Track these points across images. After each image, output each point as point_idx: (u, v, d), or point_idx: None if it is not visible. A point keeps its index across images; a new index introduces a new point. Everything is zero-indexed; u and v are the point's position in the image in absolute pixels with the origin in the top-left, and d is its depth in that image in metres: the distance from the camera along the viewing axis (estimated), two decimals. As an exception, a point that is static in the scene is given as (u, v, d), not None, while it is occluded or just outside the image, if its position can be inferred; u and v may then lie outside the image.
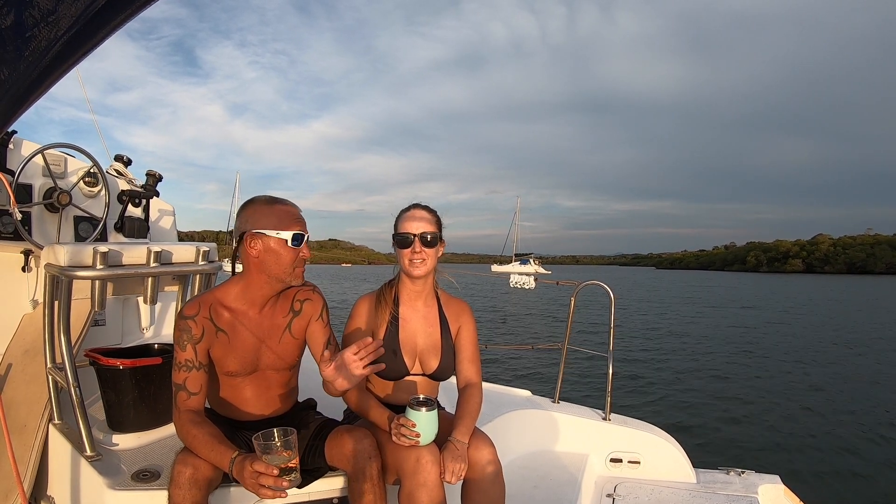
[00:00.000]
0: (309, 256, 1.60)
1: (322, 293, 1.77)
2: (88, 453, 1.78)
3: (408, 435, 1.51)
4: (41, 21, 0.46)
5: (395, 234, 1.78)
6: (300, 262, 1.58)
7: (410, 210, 1.80)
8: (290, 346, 1.68)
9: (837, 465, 5.69)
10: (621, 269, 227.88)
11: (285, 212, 1.57)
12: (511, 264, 75.66)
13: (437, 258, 1.80)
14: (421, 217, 1.77)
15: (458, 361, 1.85)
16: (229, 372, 1.62)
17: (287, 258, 1.55)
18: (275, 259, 1.54)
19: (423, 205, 1.83)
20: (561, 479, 2.35)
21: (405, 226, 1.76)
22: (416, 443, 1.52)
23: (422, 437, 1.52)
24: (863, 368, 10.79)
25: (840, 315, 22.57)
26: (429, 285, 1.84)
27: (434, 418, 1.54)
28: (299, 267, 1.59)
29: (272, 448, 1.36)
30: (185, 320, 1.54)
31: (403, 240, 1.75)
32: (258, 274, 1.57)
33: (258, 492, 1.34)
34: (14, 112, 0.56)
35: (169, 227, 3.51)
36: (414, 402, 1.56)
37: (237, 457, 1.39)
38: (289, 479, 1.36)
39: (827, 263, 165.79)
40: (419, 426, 1.52)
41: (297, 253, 1.56)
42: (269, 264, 1.54)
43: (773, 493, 2.37)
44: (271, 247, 1.53)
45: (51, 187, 2.69)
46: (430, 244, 1.75)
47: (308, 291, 1.73)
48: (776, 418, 7.25)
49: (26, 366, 2.22)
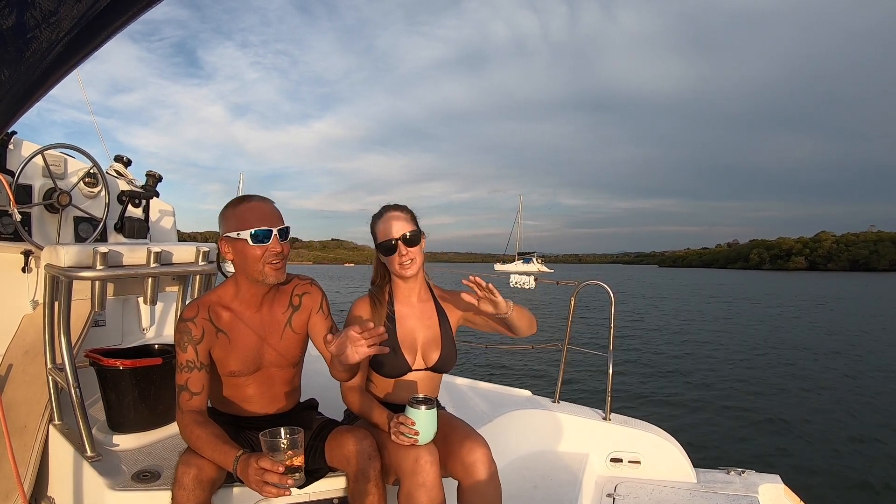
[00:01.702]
0: (280, 251, 1.53)
1: (320, 285, 1.77)
2: (89, 454, 1.78)
3: (406, 433, 1.51)
4: (42, 23, 0.46)
5: (378, 245, 1.77)
6: (270, 257, 1.52)
7: (383, 215, 1.78)
8: (291, 342, 1.68)
9: (838, 465, 5.69)
10: (624, 268, 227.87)
11: (247, 210, 1.54)
12: (514, 263, 75.60)
13: (423, 251, 1.79)
14: (396, 218, 1.76)
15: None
16: (231, 372, 1.62)
17: (253, 256, 1.52)
18: (243, 259, 1.53)
19: (392, 205, 1.81)
20: (561, 478, 2.35)
21: (384, 232, 1.75)
22: (414, 441, 1.52)
23: (420, 435, 1.52)
24: (864, 367, 10.79)
25: (842, 313, 22.57)
26: (420, 280, 1.84)
27: (433, 417, 1.54)
28: (271, 263, 1.53)
29: (278, 446, 1.36)
30: (184, 322, 1.55)
31: (388, 247, 1.74)
32: (241, 275, 1.58)
33: (262, 489, 1.34)
34: (14, 113, 0.56)
35: (169, 227, 3.51)
36: (413, 400, 1.56)
37: (241, 455, 1.40)
38: (293, 478, 1.37)
39: (830, 261, 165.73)
40: (418, 424, 1.52)
41: (264, 249, 1.52)
42: (242, 265, 1.55)
43: (774, 493, 2.37)
44: (238, 248, 1.53)
45: (51, 188, 2.69)
46: (414, 242, 1.74)
47: (306, 285, 1.72)
48: (777, 418, 7.24)
49: (26, 366, 2.22)
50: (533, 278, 4.95)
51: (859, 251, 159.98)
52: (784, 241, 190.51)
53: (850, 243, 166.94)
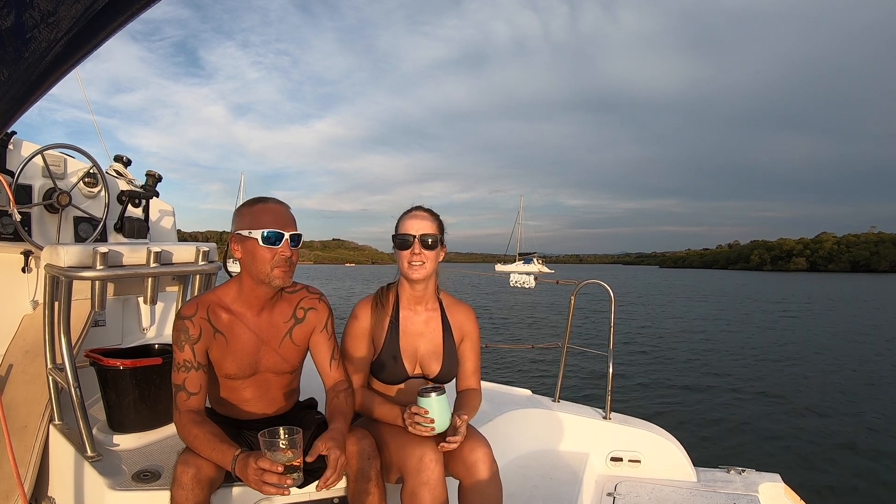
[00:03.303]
0: (289, 255, 1.52)
1: (328, 302, 1.73)
2: (89, 454, 1.78)
3: (422, 423, 1.52)
4: (41, 22, 0.46)
5: (395, 236, 1.74)
6: (279, 261, 1.51)
7: (411, 211, 1.77)
8: (290, 352, 1.66)
9: (838, 464, 5.69)
10: (625, 268, 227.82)
11: (263, 210, 1.53)
12: (515, 263, 75.56)
13: (438, 262, 1.76)
14: (422, 218, 1.73)
15: (461, 371, 1.84)
16: (228, 374, 1.61)
17: (262, 257, 1.50)
18: (251, 259, 1.52)
19: (425, 207, 1.79)
20: (561, 478, 2.35)
21: (405, 227, 1.72)
22: (431, 430, 1.52)
23: (436, 423, 1.53)
24: (864, 366, 10.79)
25: (842, 313, 22.56)
26: (430, 290, 1.80)
27: (445, 402, 1.55)
28: (279, 267, 1.51)
29: (277, 446, 1.36)
30: (182, 320, 1.54)
31: (403, 241, 1.71)
32: (246, 275, 1.56)
33: (261, 489, 1.33)
34: (14, 113, 0.56)
35: (169, 227, 3.51)
36: (423, 390, 1.56)
37: (240, 454, 1.39)
38: (292, 478, 1.36)
39: (831, 262, 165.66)
40: (432, 412, 1.53)
41: (274, 252, 1.50)
42: (249, 265, 1.54)
43: (774, 492, 2.37)
44: (248, 247, 1.52)
45: (50, 188, 2.69)
46: (431, 247, 1.71)
47: (314, 300, 1.70)
48: (777, 417, 7.25)
49: (27, 366, 2.22)
50: (533, 278, 4.96)
51: (860, 252, 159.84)
52: (785, 242, 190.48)
53: (850, 244, 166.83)
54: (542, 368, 9.82)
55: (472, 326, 1.85)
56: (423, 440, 1.54)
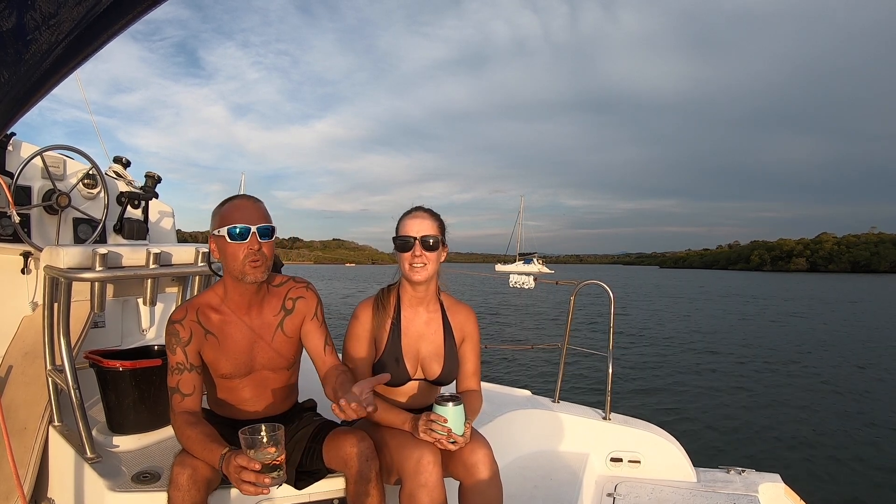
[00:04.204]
0: (258, 248, 1.51)
1: (315, 290, 1.75)
2: (89, 455, 1.78)
3: (438, 430, 1.52)
4: (42, 24, 0.46)
5: (396, 237, 1.72)
6: (251, 255, 1.51)
7: (412, 212, 1.75)
8: (284, 346, 1.66)
9: (838, 464, 5.69)
10: (625, 269, 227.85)
11: (230, 207, 1.55)
12: (515, 264, 75.58)
13: (439, 263, 1.74)
14: (422, 219, 1.72)
15: (461, 372, 1.84)
16: (224, 374, 1.62)
17: (233, 254, 1.52)
18: (225, 257, 1.55)
19: (425, 208, 1.77)
20: (561, 478, 2.35)
21: (406, 228, 1.71)
22: (447, 438, 1.52)
23: (452, 431, 1.53)
24: (864, 367, 10.79)
25: (842, 314, 22.57)
26: (431, 291, 1.79)
27: (462, 412, 1.55)
28: (251, 260, 1.51)
29: (257, 443, 1.33)
30: (172, 324, 1.56)
31: (404, 243, 1.69)
32: (227, 275, 1.58)
33: (240, 487, 1.31)
34: (14, 114, 0.56)
35: (168, 228, 3.51)
36: (440, 398, 1.57)
37: (227, 453, 1.38)
38: (272, 477, 1.33)
39: (831, 262, 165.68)
40: (450, 421, 1.53)
41: (243, 247, 1.50)
42: (226, 264, 1.56)
43: (774, 492, 2.37)
44: (221, 246, 1.54)
45: (50, 189, 2.69)
46: (432, 248, 1.69)
47: (301, 289, 1.71)
48: (777, 417, 7.25)
49: (26, 368, 2.22)
50: (532, 278, 4.96)
51: (860, 252, 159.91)
52: (785, 243, 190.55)
53: (850, 245, 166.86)
54: (542, 369, 9.82)
55: (473, 327, 1.85)
56: (421, 442, 1.54)
